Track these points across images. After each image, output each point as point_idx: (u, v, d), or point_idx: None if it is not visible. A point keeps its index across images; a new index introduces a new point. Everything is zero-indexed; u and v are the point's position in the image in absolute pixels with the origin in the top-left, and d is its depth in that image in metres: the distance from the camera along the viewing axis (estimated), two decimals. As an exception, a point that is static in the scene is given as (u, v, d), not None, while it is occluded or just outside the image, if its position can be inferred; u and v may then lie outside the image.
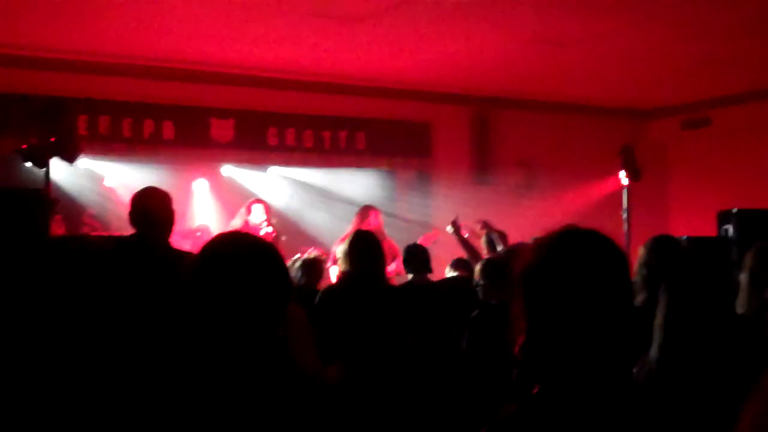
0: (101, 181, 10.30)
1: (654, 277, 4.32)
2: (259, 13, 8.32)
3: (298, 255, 7.19)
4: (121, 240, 4.97)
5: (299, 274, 6.57)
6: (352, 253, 5.56)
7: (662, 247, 4.67)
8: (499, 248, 7.56)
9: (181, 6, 8.04)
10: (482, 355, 5.06)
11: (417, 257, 6.99)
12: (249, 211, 9.11)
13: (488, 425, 1.82)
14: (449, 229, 8.34)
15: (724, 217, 8.17)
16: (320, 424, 1.99)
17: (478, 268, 5.89)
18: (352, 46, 9.69)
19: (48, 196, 5.83)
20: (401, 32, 9.13)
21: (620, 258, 1.92)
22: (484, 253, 7.80)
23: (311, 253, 7.28)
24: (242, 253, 2.01)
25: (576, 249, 1.89)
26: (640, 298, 4.26)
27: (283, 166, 11.45)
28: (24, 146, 6.57)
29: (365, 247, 5.61)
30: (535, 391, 1.83)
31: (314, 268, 6.69)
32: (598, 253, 1.90)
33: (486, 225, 8.53)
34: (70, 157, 6.60)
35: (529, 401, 1.82)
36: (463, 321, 5.36)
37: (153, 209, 4.83)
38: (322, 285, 6.67)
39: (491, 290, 5.54)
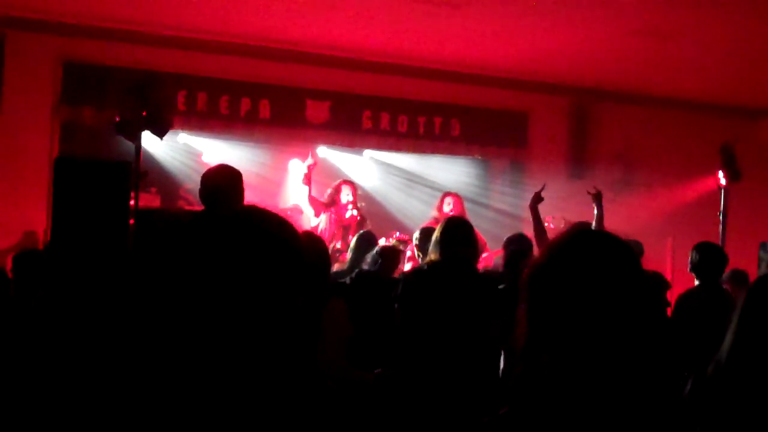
0: (199, 156, 10.47)
1: None
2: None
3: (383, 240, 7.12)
4: (195, 214, 5.05)
5: (374, 260, 6.49)
6: (443, 240, 5.33)
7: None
8: None
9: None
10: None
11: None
12: (338, 191, 9.09)
13: (483, 424, 1.79)
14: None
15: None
16: (330, 424, 1.95)
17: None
18: (450, 32, 9.63)
19: (134, 169, 5.94)
20: (501, 20, 9.04)
21: (631, 261, 1.85)
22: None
23: (394, 238, 7.19)
24: (245, 234, 1.97)
25: (584, 251, 1.83)
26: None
27: (376, 149, 11.47)
28: (117, 119, 6.72)
29: (458, 234, 5.38)
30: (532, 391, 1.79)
31: (390, 257, 6.54)
32: (606, 256, 1.83)
33: (568, 223, 8.32)
34: (159, 131, 6.72)
35: (524, 401, 1.78)
36: None
37: (220, 186, 4.87)
38: (396, 274, 6.58)
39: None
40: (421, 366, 5.15)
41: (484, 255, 8.36)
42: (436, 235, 5.43)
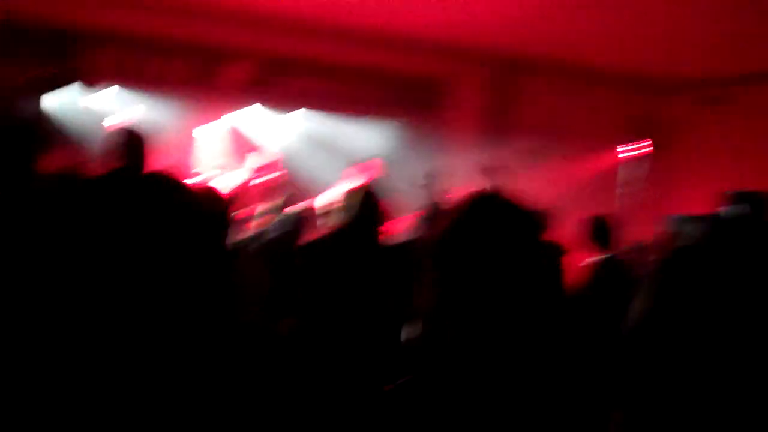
0: (110, 116, 10.22)
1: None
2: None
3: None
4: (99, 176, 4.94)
5: (278, 226, 6.45)
6: (347, 206, 5.33)
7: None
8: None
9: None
10: None
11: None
12: (252, 157, 9.02)
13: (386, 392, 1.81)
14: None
15: (730, 198, 8.06)
16: (259, 372, 1.98)
17: None
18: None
19: (40, 130, 5.78)
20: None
21: (531, 226, 1.87)
22: None
23: (304, 205, 7.10)
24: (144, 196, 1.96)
25: (484, 219, 1.85)
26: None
27: (296, 110, 11.37)
28: (23, 78, 6.52)
29: (363, 201, 5.37)
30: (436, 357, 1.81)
31: (296, 222, 6.51)
32: (505, 220, 1.85)
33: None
34: (67, 89, 6.53)
35: (427, 368, 1.80)
36: None
37: (126, 147, 4.78)
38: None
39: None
40: (324, 328, 5.19)
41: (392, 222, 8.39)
42: (340, 201, 5.43)
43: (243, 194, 8.81)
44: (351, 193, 5.45)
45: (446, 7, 9.79)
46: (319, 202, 6.99)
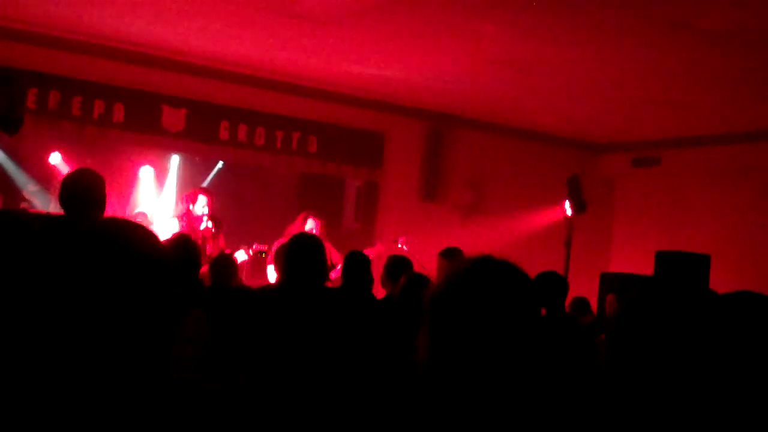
0: (45, 158, 10.06)
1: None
2: (221, 3, 8.22)
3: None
4: (48, 219, 4.85)
5: (212, 273, 6.40)
6: (291, 257, 5.20)
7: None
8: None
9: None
10: None
11: (358, 266, 6.74)
12: (194, 200, 8.82)
13: None
14: None
15: (662, 258, 8.24)
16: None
17: None
18: (312, 49, 9.62)
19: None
20: (362, 41, 9.09)
21: (528, 289, 1.90)
22: None
23: (253, 250, 7.05)
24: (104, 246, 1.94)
25: (483, 279, 1.87)
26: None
27: (232, 161, 11.32)
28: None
29: (307, 251, 5.26)
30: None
31: (225, 267, 6.45)
32: (505, 283, 1.87)
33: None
34: (11, 128, 6.43)
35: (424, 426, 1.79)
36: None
37: (83, 191, 4.70)
38: (234, 284, 6.53)
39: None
40: (276, 384, 5.10)
41: (335, 272, 8.35)
42: (284, 252, 5.29)
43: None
44: (292, 246, 5.36)
45: (383, 63, 9.92)
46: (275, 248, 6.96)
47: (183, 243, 5.22)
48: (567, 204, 10.01)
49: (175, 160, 11.05)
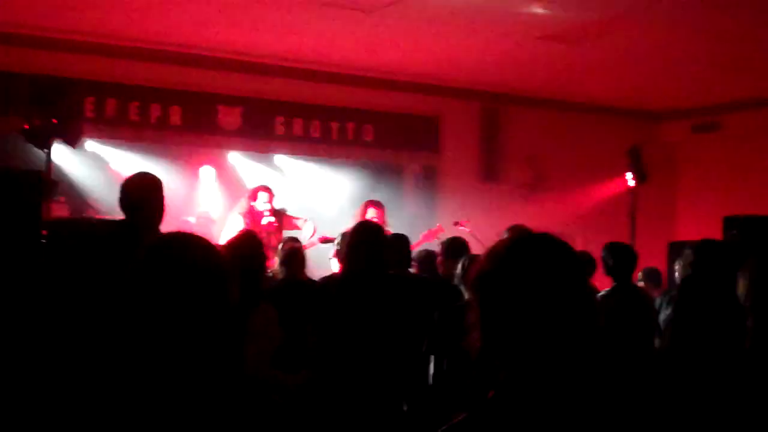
0: (107, 165, 10.23)
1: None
2: (270, 0, 8.29)
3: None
4: (112, 226, 4.93)
5: (280, 267, 6.44)
6: (353, 246, 5.27)
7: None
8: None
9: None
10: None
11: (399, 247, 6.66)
12: (254, 197, 8.88)
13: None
14: None
15: (730, 223, 8.09)
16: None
17: None
18: (361, 38, 9.65)
19: (46, 178, 5.79)
20: (410, 26, 9.09)
21: (575, 263, 1.88)
22: None
23: (287, 242, 7.01)
24: (175, 261, 2.00)
25: (529, 254, 1.85)
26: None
27: (289, 155, 11.38)
28: (26, 126, 6.54)
29: (368, 239, 5.30)
30: (489, 396, 1.80)
31: (294, 258, 6.48)
32: (551, 258, 1.85)
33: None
34: (72, 140, 6.56)
35: (480, 407, 1.78)
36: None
37: (142, 195, 4.77)
38: (305, 275, 6.57)
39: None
40: (341, 373, 5.12)
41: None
42: (348, 241, 5.36)
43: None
44: (356, 234, 5.39)
45: (435, 46, 9.89)
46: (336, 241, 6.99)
47: (248, 240, 5.28)
48: (629, 175, 9.90)
49: (233, 157, 11.12)
